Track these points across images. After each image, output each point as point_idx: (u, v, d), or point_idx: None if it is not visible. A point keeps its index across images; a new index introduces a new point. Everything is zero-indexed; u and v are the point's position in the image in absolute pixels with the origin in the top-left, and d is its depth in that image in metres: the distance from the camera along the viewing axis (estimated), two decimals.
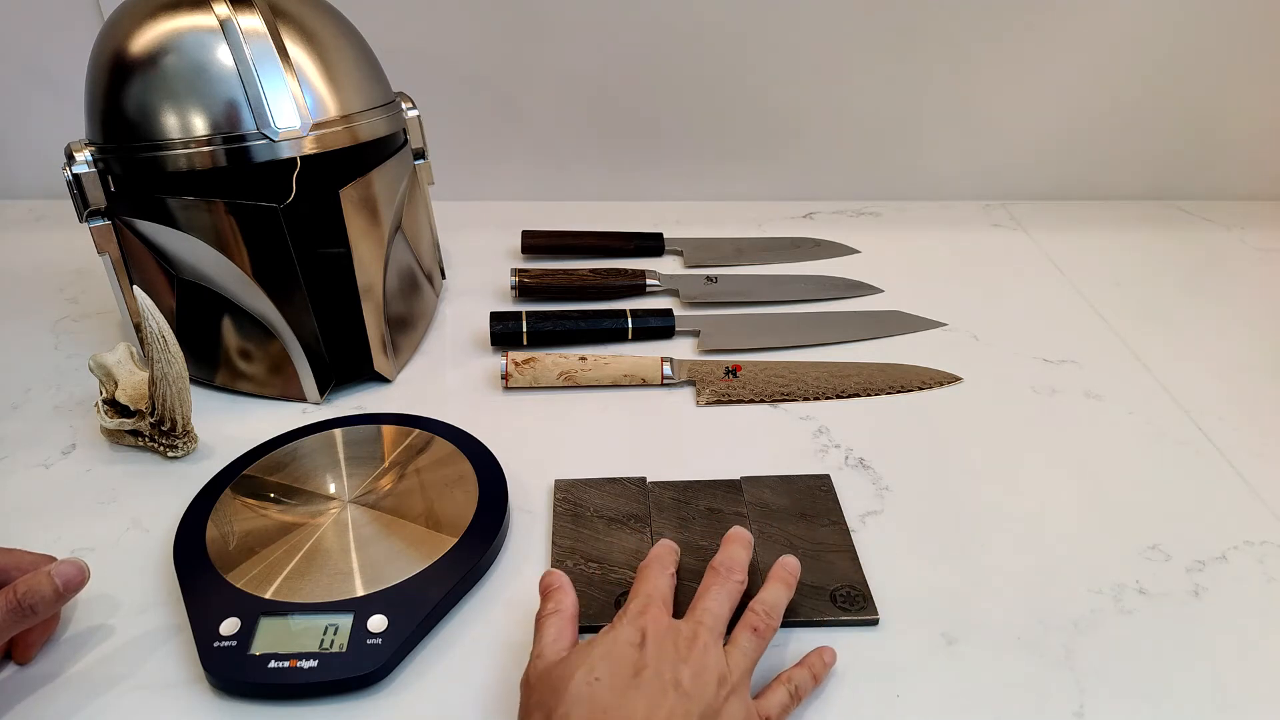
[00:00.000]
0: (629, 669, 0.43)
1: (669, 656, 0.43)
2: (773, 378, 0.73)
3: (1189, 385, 0.73)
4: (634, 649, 0.44)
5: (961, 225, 1.01)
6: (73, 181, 0.65)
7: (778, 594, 0.49)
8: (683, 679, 0.43)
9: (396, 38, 0.88)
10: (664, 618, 0.46)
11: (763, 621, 0.47)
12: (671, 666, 0.43)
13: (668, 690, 0.42)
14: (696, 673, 0.43)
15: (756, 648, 0.47)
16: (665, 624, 0.46)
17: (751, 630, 0.47)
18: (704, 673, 0.43)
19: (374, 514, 0.56)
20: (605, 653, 0.44)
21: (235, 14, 0.63)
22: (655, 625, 0.45)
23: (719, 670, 0.44)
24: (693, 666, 0.43)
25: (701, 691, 0.42)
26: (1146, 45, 0.96)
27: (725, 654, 0.45)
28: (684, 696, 0.42)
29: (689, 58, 0.96)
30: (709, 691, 0.43)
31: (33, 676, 0.48)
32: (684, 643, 0.45)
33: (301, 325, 0.67)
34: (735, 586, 0.49)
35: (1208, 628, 0.52)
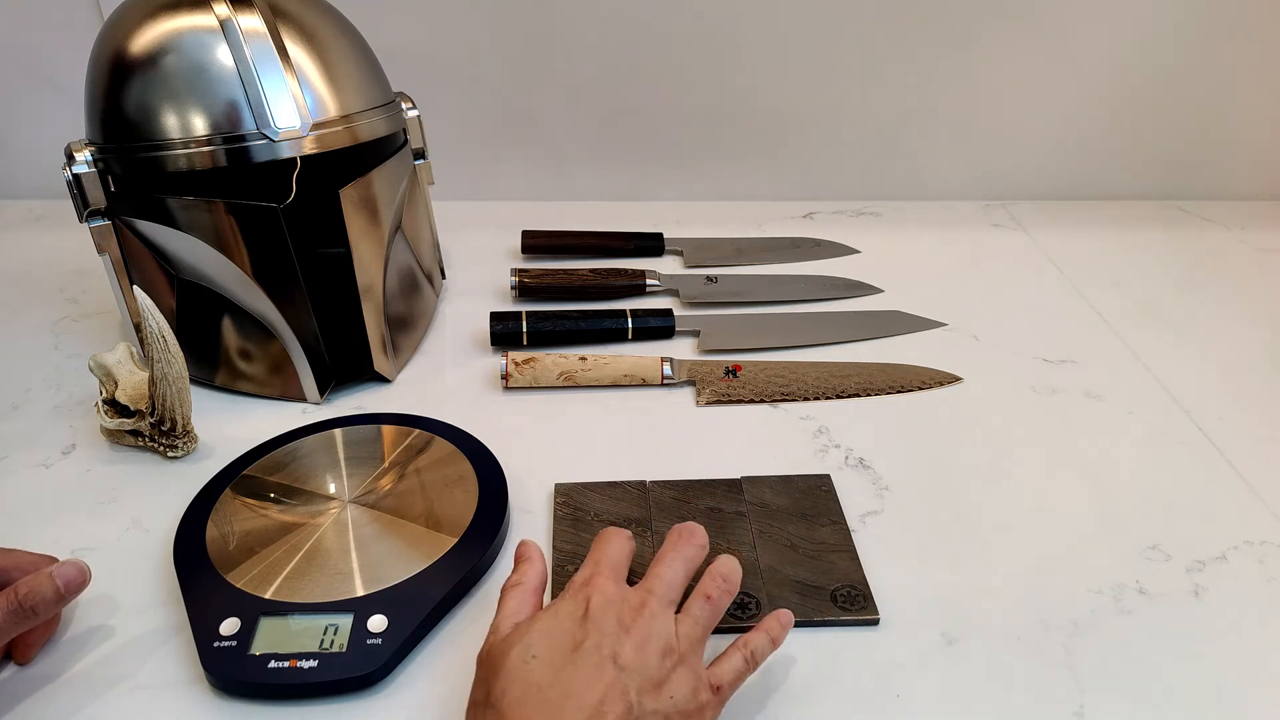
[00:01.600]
0: (568, 644, 0.42)
1: (610, 629, 0.43)
2: (773, 378, 0.73)
3: (1189, 385, 0.73)
4: (575, 622, 0.43)
5: (961, 225, 1.01)
6: (73, 181, 0.65)
7: (732, 564, 0.48)
8: (623, 652, 0.42)
9: (396, 38, 0.88)
10: (610, 587, 0.45)
11: (717, 588, 0.46)
12: (612, 640, 0.42)
13: (605, 665, 0.41)
14: (639, 644, 0.42)
15: (710, 616, 0.46)
16: (610, 593, 0.45)
17: (705, 598, 0.46)
18: (647, 644, 0.43)
19: (374, 514, 0.56)
20: (545, 629, 0.43)
21: (235, 14, 0.63)
22: (599, 595, 0.44)
23: (665, 640, 0.43)
24: (635, 638, 0.43)
25: (643, 664, 0.42)
26: (1147, 45, 0.96)
27: (676, 623, 0.44)
28: (622, 671, 0.41)
29: (689, 58, 0.96)
30: (651, 664, 0.42)
31: (33, 677, 0.48)
32: (629, 613, 0.44)
33: (301, 325, 0.67)
34: (695, 552, 0.48)
35: (1208, 628, 0.52)
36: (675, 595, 0.46)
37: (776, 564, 0.54)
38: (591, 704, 0.40)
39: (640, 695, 0.41)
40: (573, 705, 0.40)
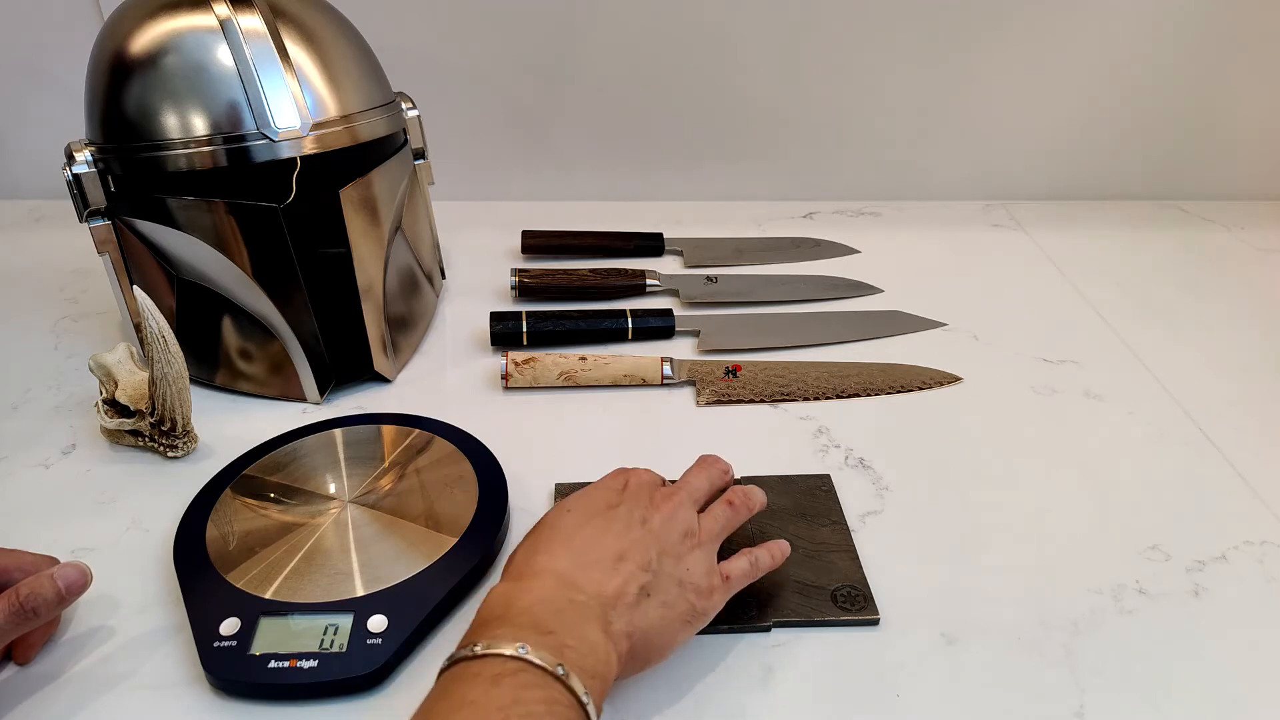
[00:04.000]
0: (602, 505, 0.48)
1: (643, 501, 0.48)
2: (773, 378, 0.73)
3: (1189, 385, 0.73)
4: (613, 492, 0.49)
5: (961, 225, 1.01)
6: (73, 181, 0.65)
7: (757, 489, 0.53)
8: (651, 519, 0.47)
9: (396, 38, 0.88)
10: (647, 475, 0.51)
11: (739, 498, 0.51)
12: (644, 509, 0.48)
13: (634, 525, 0.47)
14: (666, 518, 0.48)
15: (728, 518, 0.50)
16: (647, 479, 0.51)
17: (727, 503, 0.51)
18: (673, 522, 0.48)
19: (374, 514, 0.56)
20: (584, 493, 0.50)
21: (235, 14, 0.63)
22: (637, 478, 0.51)
23: (688, 524, 0.48)
24: (664, 513, 0.48)
25: (667, 535, 0.47)
26: (1147, 45, 0.96)
27: (699, 518, 0.49)
28: (649, 533, 0.46)
29: (690, 58, 0.96)
30: (674, 537, 0.47)
31: (33, 677, 0.48)
32: (660, 496, 0.49)
33: (301, 325, 0.67)
34: (718, 474, 0.53)
35: (1208, 627, 0.52)
36: (700, 498, 0.51)
37: None
38: (615, 550, 0.45)
39: (660, 557, 0.46)
40: (598, 549, 0.45)
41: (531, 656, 0.39)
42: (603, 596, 0.43)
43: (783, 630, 0.51)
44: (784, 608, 0.51)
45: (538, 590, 0.43)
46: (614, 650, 0.42)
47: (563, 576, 0.44)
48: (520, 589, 0.43)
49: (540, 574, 0.44)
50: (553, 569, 0.44)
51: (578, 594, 0.43)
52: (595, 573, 0.44)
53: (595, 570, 0.44)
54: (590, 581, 0.44)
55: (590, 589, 0.43)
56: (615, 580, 0.44)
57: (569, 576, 0.44)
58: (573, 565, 0.44)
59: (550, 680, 0.39)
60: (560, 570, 0.44)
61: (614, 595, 0.44)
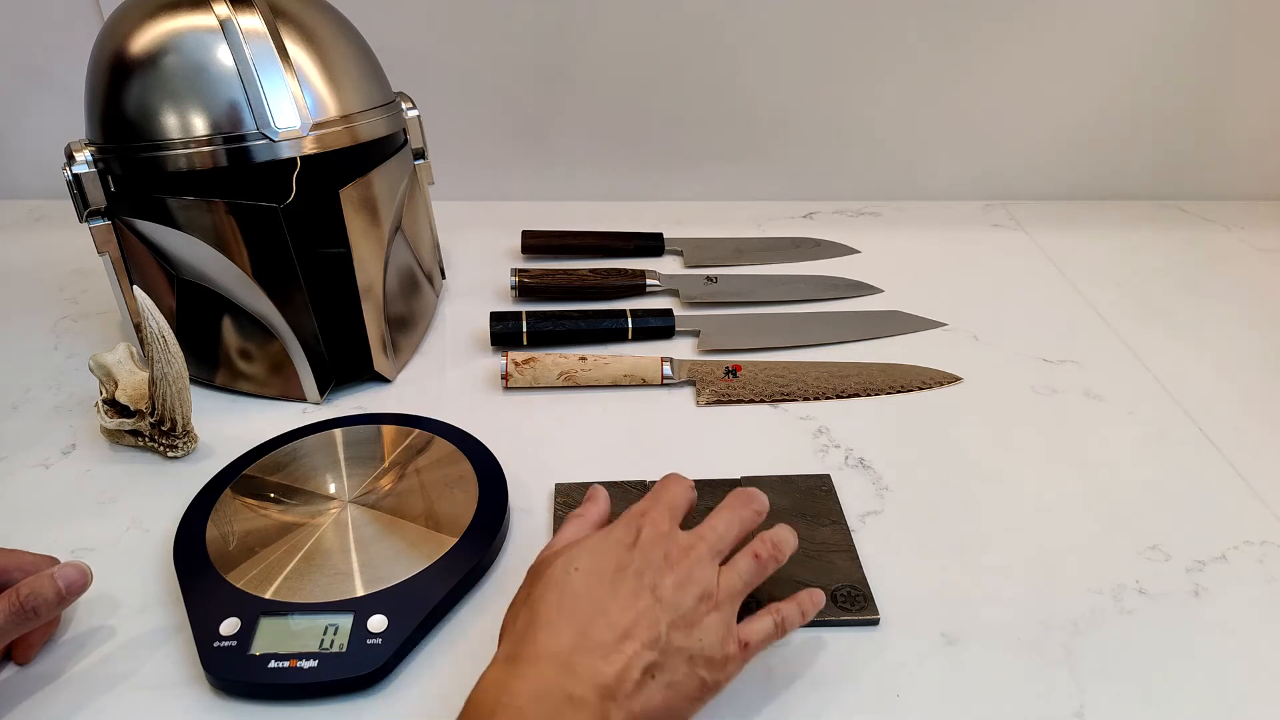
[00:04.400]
0: (612, 564, 0.43)
1: (655, 561, 0.44)
2: (773, 378, 0.73)
3: (1189, 385, 0.73)
4: (624, 548, 0.44)
5: (961, 225, 1.01)
6: (73, 181, 0.65)
7: (788, 534, 0.48)
8: (662, 585, 0.43)
9: (396, 38, 0.88)
10: (664, 523, 0.46)
11: (767, 551, 0.47)
12: (655, 571, 0.43)
13: (643, 593, 0.42)
14: (680, 583, 0.43)
15: (754, 574, 0.46)
16: (663, 528, 0.45)
17: (754, 556, 0.46)
18: (688, 585, 0.43)
19: (374, 514, 0.56)
20: (593, 546, 0.44)
21: (235, 14, 0.63)
22: (651, 528, 0.45)
23: (706, 585, 0.44)
24: (677, 575, 0.43)
25: (679, 602, 0.42)
26: (1147, 45, 0.96)
27: (719, 573, 0.45)
28: (658, 602, 0.42)
29: (689, 58, 0.96)
30: (687, 603, 0.43)
31: (33, 677, 0.48)
32: (677, 551, 0.44)
33: (301, 325, 0.67)
34: (751, 515, 0.48)
35: (1208, 628, 0.52)
36: (724, 548, 0.46)
37: None
38: (621, 625, 0.41)
39: (670, 629, 0.42)
40: (603, 621, 0.41)
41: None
42: (602, 688, 0.40)
43: None
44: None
45: (533, 682, 0.40)
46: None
47: (563, 662, 0.40)
48: (515, 677, 0.40)
49: (538, 659, 0.40)
50: (552, 653, 0.41)
51: (576, 685, 0.39)
52: (596, 657, 0.40)
53: (596, 654, 0.40)
54: (590, 669, 0.40)
55: (589, 676, 0.40)
56: (617, 664, 0.40)
57: (569, 661, 0.40)
58: (573, 646, 0.41)
59: None
60: (560, 653, 0.41)
61: (614, 682, 0.40)
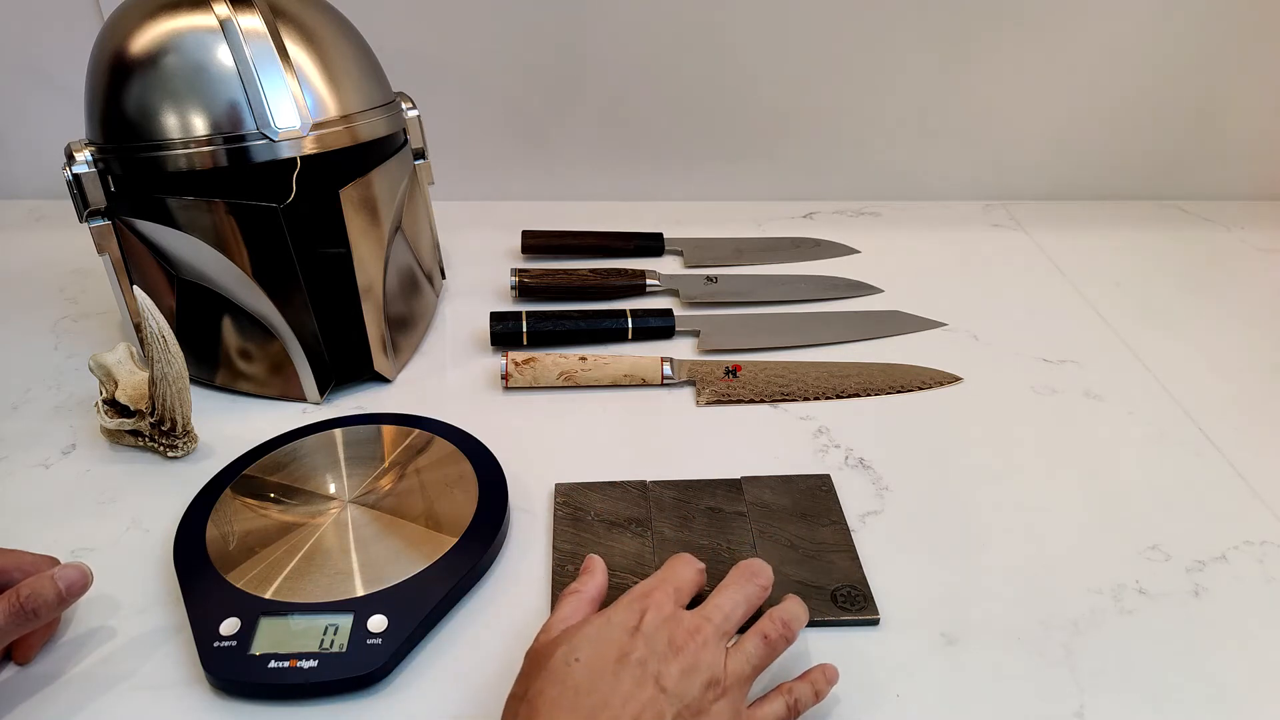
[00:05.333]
0: (614, 653, 0.41)
1: (659, 648, 0.42)
2: (773, 378, 0.73)
3: (1189, 385, 0.73)
4: (626, 633, 0.42)
5: (961, 225, 1.01)
6: (73, 181, 0.65)
7: (798, 610, 0.47)
8: (667, 674, 0.41)
9: (396, 38, 0.88)
10: (668, 605, 0.44)
11: (776, 631, 0.45)
12: (659, 659, 0.41)
13: (647, 683, 0.40)
14: (685, 670, 0.41)
15: (763, 656, 0.44)
16: (667, 611, 0.44)
17: (762, 637, 0.45)
18: (694, 672, 0.41)
19: (374, 514, 0.56)
20: (594, 634, 0.42)
21: (235, 14, 0.63)
22: (656, 611, 0.43)
23: (712, 671, 0.42)
24: (683, 663, 0.41)
25: (685, 691, 0.41)
26: (1147, 45, 0.96)
27: (726, 655, 0.43)
28: (663, 692, 0.40)
29: (689, 58, 0.96)
30: (694, 692, 0.41)
31: (33, 677, 0.48)
32: (682, 635, 0.43)
33: (301, 325, 0.67)
34: (757, 591, 0.47)
35: (1208, 628, 0.52)
36: (731, 628, 0.45)
37: (777, 564, 0.54)
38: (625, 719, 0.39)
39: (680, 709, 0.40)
40: (606, 716, 0.39)
41: None
42: None
43: None
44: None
45: None
46: None
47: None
48: None
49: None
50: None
51: None
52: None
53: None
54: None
55: None
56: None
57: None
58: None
59: None
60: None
61: None
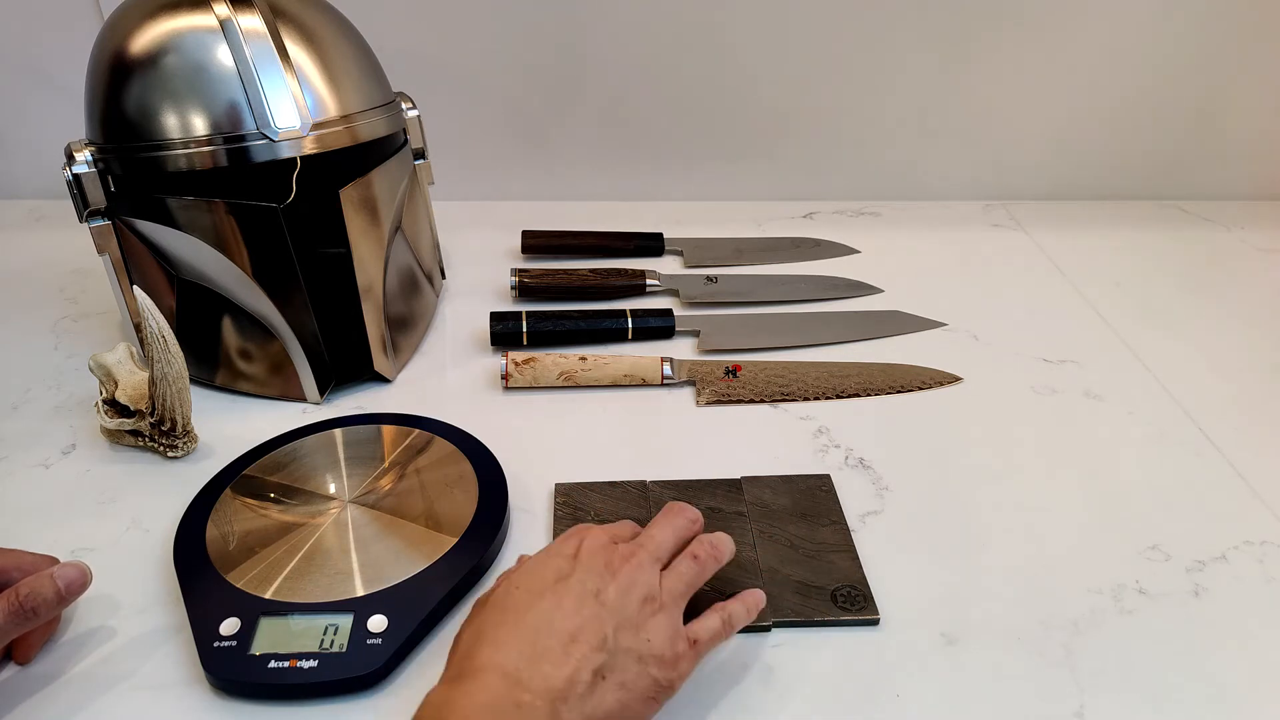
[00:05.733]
0: (553, 576, 0.44)
1: (596, 569, 0.45)
2: (773, 378, 0.73)
3: (1189, 385, 0.73)
4: (564, 559, 0.45)
5: (961, 225, 1.01)
6: (73, 181, 0.65)
7: (726, 538, 0.50)
8: (606, 591, 0.44)
9: (397, 38, 0.88)
10: (603, 536, 0.47)
11: (706, 551, 0.48)
12: (597, 578, 0.44)
13: (587, 599, 0.43)
14: (623, 588, 0.44)
15: (694, 575, 0.47)
16: (602, 540, 0.47)
17: (692, 557, 0.48)
18: (631, 589, 0.44)
19: (374, 514, 0.56)
20: (534, 565, 0.46)
21: (235, 14, 0.63)
22: (591, 540, 0.46)
23: (648, 589, 0.45)
24: (620, 582, 0.44)
25: (624, 606, 0.43)
26: (1147, 45, 0.96)
27: (661, 575, 0.46)
28: (603, 607, 0.43)
29: (689, 58, 0.96)
30: (631, 607, 0.43)
31: (33, 677, 0.48)
32: (618, 559, 0.45)
33: (301, 325, 0.67)
34: (685, 524, 0.50)
35: (1208, 628, 0.52)
36: (663, 555, 0.47)
37: (777, 564, 0.54)
38: (567, 631, 0.42)
39: (617, 632, 0.42)
40: (548, 630, 0.42)
41: None
42: (552, 692, 0.39)
43: (783, 630, 0.51)
44: (784, 608, 0.51)
45: (479, 695, 0.39)
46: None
47: (508, 673, 0.40)
48: (460, 694, 0.39)
49: (482, 672, 0.40)
50: (497, 664, 0.40)
51: (524, 694, 0.39)
52: (544, 664, 0.40)
53: (544, 661, 0.40)
54: (538, 676, 0.40)
55: (538, 685, 0.40)
56: (566, 669, 0.40)
57: (515, 672, 0.40)
58: (519, 657, 0.40)
59: None
60: (505, 665, 0.40)
61: (564, 687, 0.40)
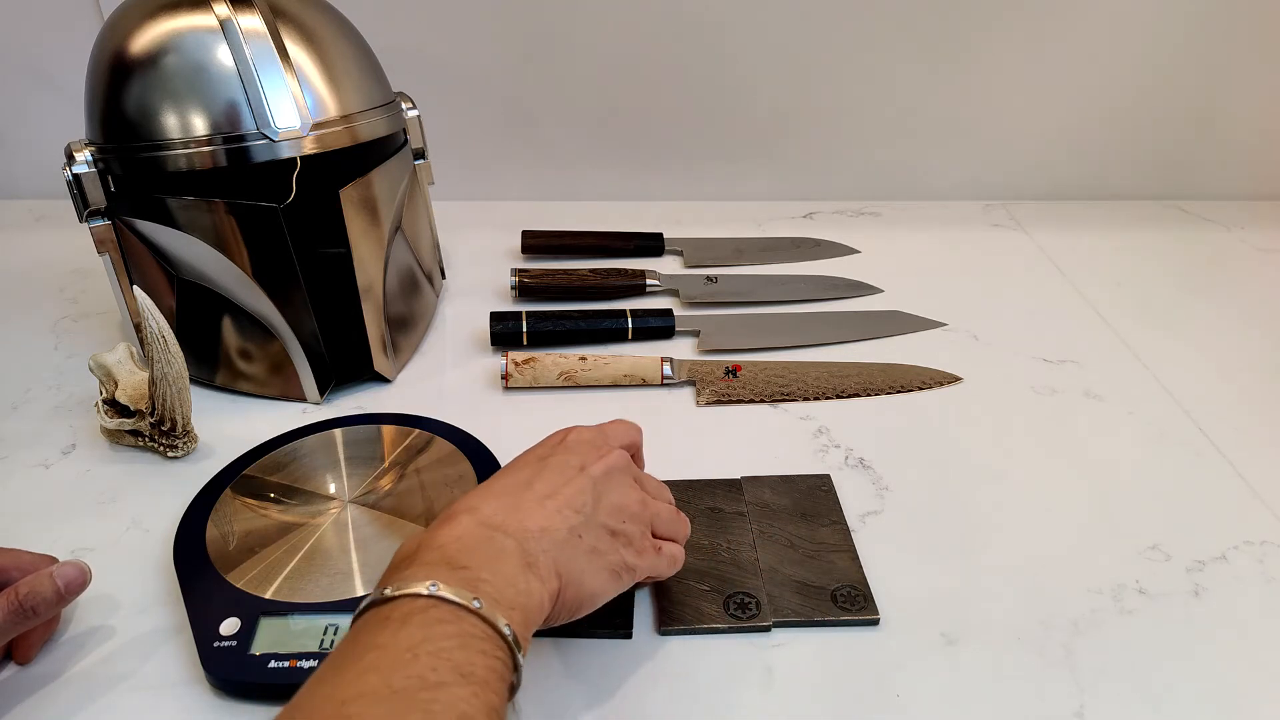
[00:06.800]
0: (536, 456, 0.46)
1: (581, 451, 0.47)
2: (773, 378, 0.73)
3: (1189, 385, 0.73)
4: (548, 448, 0.47)
5: (961, 225, 1.01)
6: (73, 181, 0.65)
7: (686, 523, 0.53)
8: (591, 467, 0.46)
9: (396, 38, 0.87)
10: (589, 432, 0.49)
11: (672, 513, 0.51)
12: (581, 457, 0.46)
13: (569, 470, 0.45)
14: (607, 468, 0.46)
15: (671, 518, 0.50)
16: (589, 435, 0.49)
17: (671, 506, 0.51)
18: (614, 472, 0.47)
19: (374, 514, 0.56)
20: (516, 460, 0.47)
21: (235, 14, 0.63)
22: (576, 434, 0.49)
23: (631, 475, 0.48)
24: (607, 462, 0.47)
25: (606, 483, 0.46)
26: (1147, 45, 0.96)
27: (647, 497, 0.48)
28: (586, 478, 0.45)
29: (689, 58, 0.96)
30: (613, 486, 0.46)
31: (33, 676, 0.48)
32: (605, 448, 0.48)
33: (301, 325, 0.67)
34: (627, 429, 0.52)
35: (1208, 628, 0.52)
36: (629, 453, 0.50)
37: (777, 564, 0.54)
38: (546, 492, 0.44)
39: (597, 503, 0.44)
40: (530, 493, 0.43)
41: (444, 593, 0.37)
42: (525, 531, 0.41)
43: (783, 630, 0.51)
44: (784, 608, 0.51)
45: (453, 530, 0.41)
46: (542, 586, 0.40)
47: (484, 519, 0.42)
48: (433, 531, 0.41)
49: (456, 516, 0.42)
50: (472, 511, 0.42)
51: (497, 533, 0.41)
52: (519, 514, 0.42)
53: (519, 512, 0.42)
54: (516, 521, 0.42)
55: (513, 528, 0.41)
56: (540, 517, 0.42)
57: (491, 519, 0.42)
58: (497, 509, 0.42)
59: (464, 614, 0.37)
60: (481, 513, 0.42)
61: (538, 531, 0.42)
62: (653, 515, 0.48)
